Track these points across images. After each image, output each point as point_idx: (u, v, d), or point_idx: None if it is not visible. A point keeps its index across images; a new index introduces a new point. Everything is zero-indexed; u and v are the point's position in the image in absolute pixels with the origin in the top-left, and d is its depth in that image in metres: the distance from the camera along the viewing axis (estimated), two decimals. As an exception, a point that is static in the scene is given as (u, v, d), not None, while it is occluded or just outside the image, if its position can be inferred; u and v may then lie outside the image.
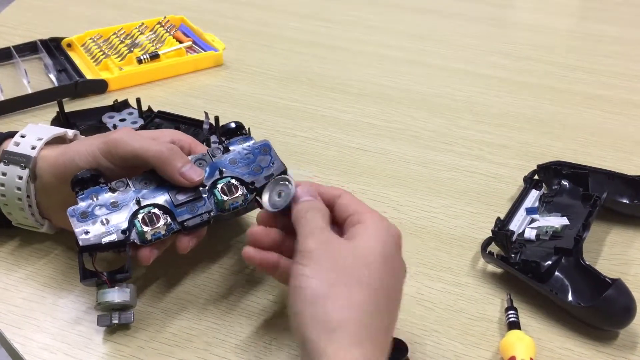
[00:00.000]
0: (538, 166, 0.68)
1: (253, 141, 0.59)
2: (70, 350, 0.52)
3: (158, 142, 0.54)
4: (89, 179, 0.53)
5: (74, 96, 0.83)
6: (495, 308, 0.56)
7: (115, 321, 0.51)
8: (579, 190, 0.64)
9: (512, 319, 0.53)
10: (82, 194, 0.52)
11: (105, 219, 0.51)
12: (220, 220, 0.56)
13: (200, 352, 0.52)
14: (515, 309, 0.54)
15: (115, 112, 0.76)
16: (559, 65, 0.95)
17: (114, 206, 0.52)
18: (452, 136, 0.78)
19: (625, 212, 0.64)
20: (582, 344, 0.53)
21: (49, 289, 0.57)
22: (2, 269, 0.58)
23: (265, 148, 0.58)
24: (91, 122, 0.74)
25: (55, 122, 0.73)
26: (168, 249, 0.55)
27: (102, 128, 0.73)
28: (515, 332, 0.52)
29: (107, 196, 0.52)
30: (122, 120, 0.75)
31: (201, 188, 0.54)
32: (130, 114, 0.76)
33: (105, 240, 0.50)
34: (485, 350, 0.52)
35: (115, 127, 0.73)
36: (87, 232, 0.50)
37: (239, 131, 0.60)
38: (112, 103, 0.77)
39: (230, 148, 0.57)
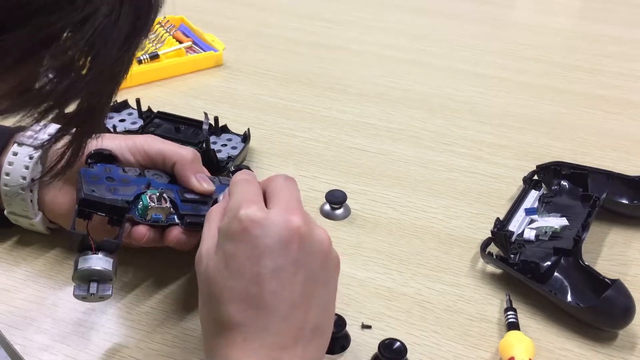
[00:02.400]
0: (537, 166, 0.68)
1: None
2: (70, 351, 0.52)
3: (184, 147, 0.57)
4: (106, 157, 0.54)
5: (74, 96, 0.83)
6: (495, 309, 0.56)
7: (93, 291, 0.48)
8: (578, 190, 0.64)
9: (511, 320, 0.53)
10: (97, 164, 0.53)
11: (113, 188, 0.51)
12: None
13: (200, 353, 0.52)
14: (515, 310, 0.54)
15: (115, 113, 0.76)
16: (559, 65, 0.95)
17: (124, 182, 0.52)
18: (451, 136, 0.78)
19: (624, 212, 0.64)
20: (581, 344, 0.53)
21: (49, 289, 0.57)
22: (2, 269, 0.58)
23: None
24: (91, 123, 0.74)
25: (55, 122, 0.73)
26: (168, 252, 0.55)
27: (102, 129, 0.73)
28: (514, 332, 0.52)
29: (120, 173, 0.53)
30: (122, 120, 0.75)
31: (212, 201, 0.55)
32: (130, 114, 0.76)
33: (108, 198, 0.50)
34: (485, 351, 0.52)
35: (114, 127, 0.73)
36: (93, 190, 0.50)
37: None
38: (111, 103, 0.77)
39: None
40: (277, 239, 0.44)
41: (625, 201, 0.64)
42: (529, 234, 0.59)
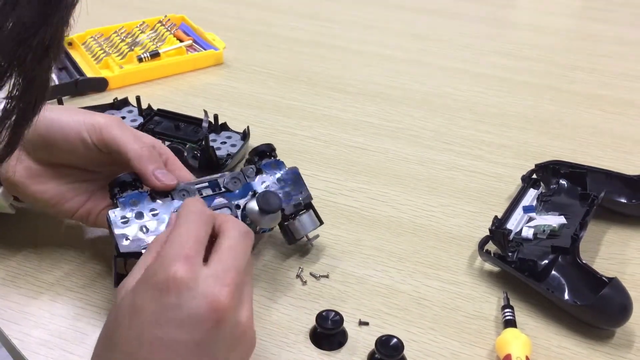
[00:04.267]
0: (536, 165, 0.68)
1: (284, 168, 0.59)
2: (68, 345, 0.52)
3: (140, 142, 0.54)
4: (130, 183, 0.53)
5: (74, 94, 0.83)
6: (492, 306, 0.56)
7: None
8: (577, 189, 0.64)
9: (509, 317, 0.53)
10: (122, 197, 0.52)
11: (144, 227, 0.51)
12: None
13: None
14: (512, 307, 0.54)
15: (115, 110, 0.76)
16: (559, 65, 0.95)
17: (154, 214, 0.52)
18: (451, 135, 0.78)
19: (623, 211, 0.64)
20: (578, 342, 0.53)
21: (47, 284, 0.57)
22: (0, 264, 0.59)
23: (295, 176, 0.59)
24: (91, 120, 0.74)
25: (55, 119, 0.73)
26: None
27: (102, 126, 0.73)
28: (511, 330, 0.52)
29: (147, 204, 0.52)
30: (122, 118, 0.75)
31: (235, 205, 0.55)
32: (130, 112, 0.76)
33: (144, 248, 0.50)
34: (482, 348, 0.52)
35: (115, 125, 0.73)
36: (127, 238, 0.50)
37: (269, 152, 0.60)
38: (112, 101, 0.77)
39: (264, 172, 0.58)
40: (190, 314, 0.40)
41: (623, 200, 0.64)
42: (527, 232, 0.59)
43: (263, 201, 0.54)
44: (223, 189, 0.56)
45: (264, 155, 0.60)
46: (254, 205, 0.54)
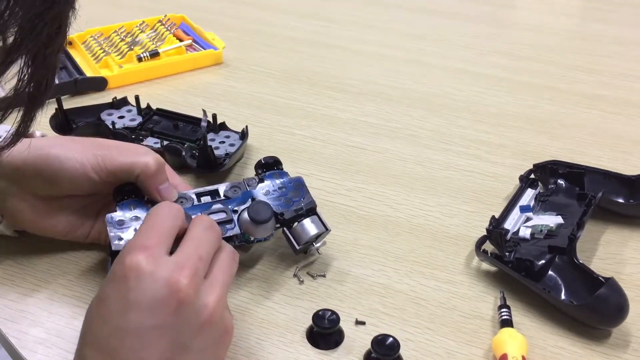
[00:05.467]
0: (534, 165, 0.68)
1: (287, 177, 0.60)
2: (66, 344, 0.52)
3: (145, 154, 0.55)
4: (129, 191, 0.55)
5: (74, 93, 0.83)
6: (489, 306, 0.56)
7: None
8: (574, 189, 0.64)
9: (505, 317, 0.53)
10: (123, 202, 0.54)
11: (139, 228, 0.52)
12: (243, 246, 0.58)
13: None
14: (509, 307, 0.54)
15: (114, 110, 0.76)
16: (559, 65, 0.95)
17: None
18: (450, 135, 0.78)
19: (620, 211, 0.64)
20: (574, 342, 0.53)
21: (45, 283, 0.57)
22: (-1, 263, 0.59)
23: (298, 183, 0.59)
24: (89, 120, 0.74)
25: (54, 119, 0.73)
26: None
27: (101, 125, 0.73)
28: (507, 329, 0.52)
29: (145, 208, 0.54)
30: (121, 117, 0.75)
31: (232, 210, 0.56)
32: (129, 111, 0.76)
33: None
34: (478, 347, 0.52)
35: (113, 124, 0.73)
36: (120, 239, 0.51)
37: (275, 166, 0.61)
38: (111, 100, 0.77)
39: (265, 180, 0.59)
40: (151, 297, 0.41)
41: (621, 200, 0.64)
42: (524, 232, 0.59)
43: (253, 211, 0.54)
44: (222, 197, 0.57)
45: (270, 168, 0.61)
46: (246, 215, 0.55)
